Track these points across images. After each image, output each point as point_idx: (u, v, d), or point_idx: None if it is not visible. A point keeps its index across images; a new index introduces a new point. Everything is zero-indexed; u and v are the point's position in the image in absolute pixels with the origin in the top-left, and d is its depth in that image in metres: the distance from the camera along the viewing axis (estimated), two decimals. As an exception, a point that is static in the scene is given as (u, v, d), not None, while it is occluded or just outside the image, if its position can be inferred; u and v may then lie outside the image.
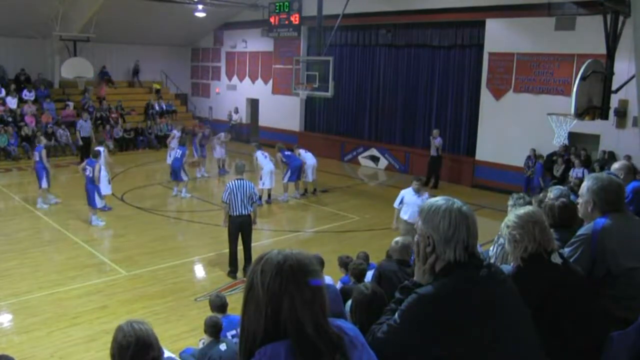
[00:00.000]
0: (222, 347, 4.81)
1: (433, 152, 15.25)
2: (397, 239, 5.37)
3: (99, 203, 11.45)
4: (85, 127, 17.43)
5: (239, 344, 1.56)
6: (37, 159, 12.11)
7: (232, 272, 8.71)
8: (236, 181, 8.64)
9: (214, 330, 4.94)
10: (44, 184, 12.17)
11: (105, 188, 12.01)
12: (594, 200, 2.95)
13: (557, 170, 13.45)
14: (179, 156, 13.48)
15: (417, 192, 8.81)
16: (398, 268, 4.91)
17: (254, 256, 8.51)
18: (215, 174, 16.49)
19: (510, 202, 4.66)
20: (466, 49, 15.96)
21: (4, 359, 3.48)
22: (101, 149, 12.38)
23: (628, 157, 12.24)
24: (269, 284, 1.46)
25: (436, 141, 15.19)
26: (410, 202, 8.74)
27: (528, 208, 2.67)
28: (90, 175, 11.04)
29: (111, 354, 2.62)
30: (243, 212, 8.52)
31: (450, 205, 1.91)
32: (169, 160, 15.04)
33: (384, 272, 4.92)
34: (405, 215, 8.82)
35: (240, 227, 8.65)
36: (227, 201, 8.51)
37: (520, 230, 2.50)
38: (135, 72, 23.49)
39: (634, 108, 11.80)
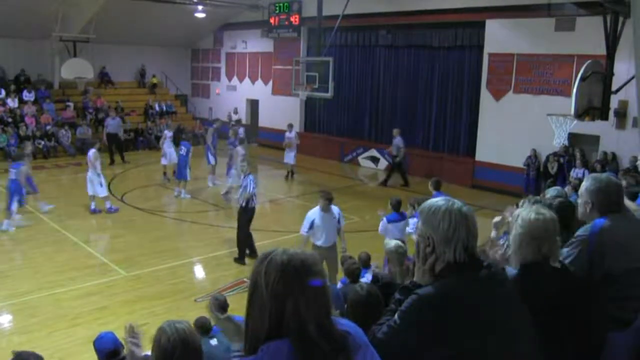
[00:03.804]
0: (213, 342, 4.82)
1: (394, 152, 15.43)
2: (390, 247, 5.21)
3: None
4: (112, 124, 17.65)
5: (243, 342, 1.57)
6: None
7: (241, 260, 9.13)
8: (251, 176, 9.17)
9: (202, 330, 4.94)
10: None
11: (99, 190, 11.79)
12: (592, 201, 2.95)
13: (552, 168, 13.51)
14: (184, 153, 13.39)
15: (325, 210, 7.58)
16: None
17: (256, 245, 8.96)
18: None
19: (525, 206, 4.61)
20: (466, 49, 15.96)
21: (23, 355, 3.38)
22: (92, 151, 11.94)
23: (634, 158, 12.23)
24: (273, 285, 1.47)
25: (395, 140, 15.34)
26: (321, 224, 7.54)
27: (547, 215, 2.49)
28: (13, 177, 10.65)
29: (152, 356, 2.50)
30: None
31: (450, 205, 1.91)
32: (164, 162, 15.08)
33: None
34: (319, 240, 7.58)
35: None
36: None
37: (529, 239, 2.42)
38: (142, 74, 23.68)
39: (634, 109, 11.79)
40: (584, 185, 3.02)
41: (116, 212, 11.98)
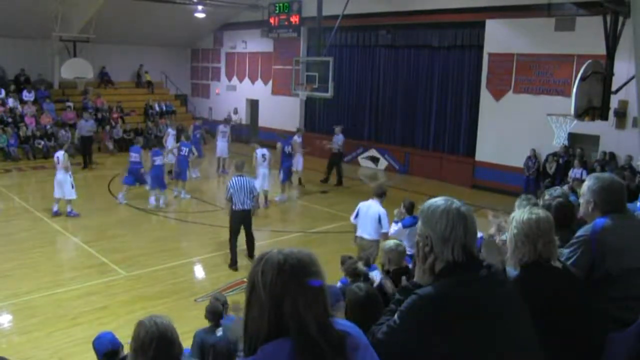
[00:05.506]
0: (219, 332, 4.82)
1: (335, 149, 15.43)
2: (390, 245, 5.20)
3: None
4: (85, 126, 17.25)
5: (243, 343, 1.57)
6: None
7: (233, 265, 9.09)
8: (237, 178, 9.13)
9: (214, 316, 4.95)
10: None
11: (69, 193, 11.54)
12: (595, 200, 2.94)
13: (551, 168, 13.52)
14: (185, 154, 13.40)
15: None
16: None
17: (256, 244, 9.06)
18: (214, 174, 16.53)
19: (517, 204, 4.61)
20: (466, 49, 15.96)
21: None
22: (61, 153, 11.73)
23: (629, 157, 12.26)
24: (271, 284, 1.47)
25: (336, 137, 15.35)
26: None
27: (540, 214, 2.51)
28: None
29: (132, 349, 2.54)
30: (245, 207, 9.09)
31: (448, 205, 1.91)
32: (171, 159, 15.06)
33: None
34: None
35: (243, 221, 9.19)
36: (230, 198, 9.05)
37: (524, 239, 2.44)
38: (139, 74, 23.70)
39: (634, 109, 11.79)
40: (587, 184, 3.01)
41: (76, 217, 11.57)
